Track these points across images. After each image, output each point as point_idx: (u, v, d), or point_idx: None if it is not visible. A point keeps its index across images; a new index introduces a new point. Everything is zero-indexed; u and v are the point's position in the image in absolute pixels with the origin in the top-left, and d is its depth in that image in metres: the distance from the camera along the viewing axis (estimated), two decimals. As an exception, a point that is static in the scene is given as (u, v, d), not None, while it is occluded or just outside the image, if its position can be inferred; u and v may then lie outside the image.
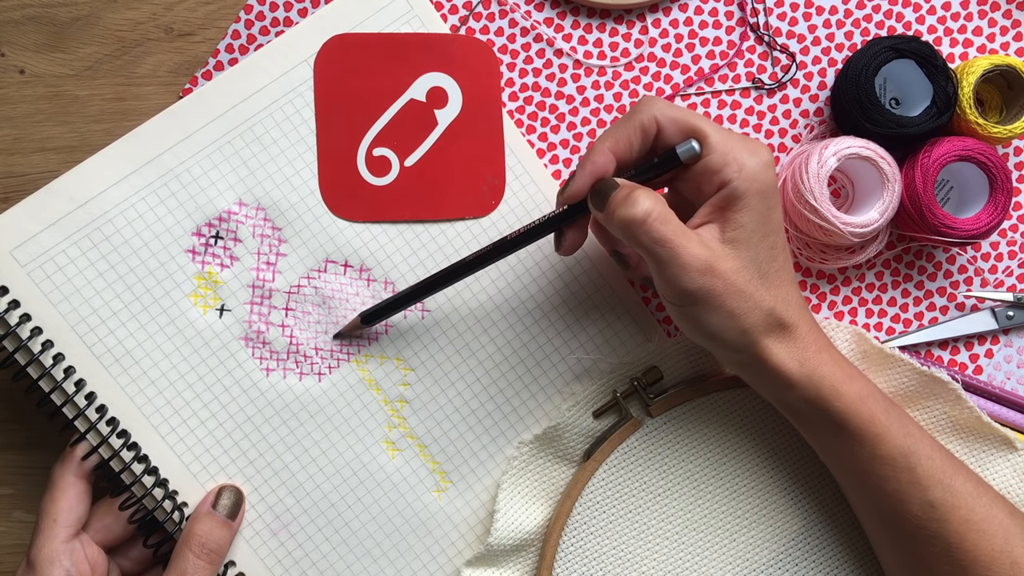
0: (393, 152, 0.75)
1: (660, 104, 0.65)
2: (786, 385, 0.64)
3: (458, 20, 0.76)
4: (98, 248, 0.72)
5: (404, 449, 0.75)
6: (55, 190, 0.72)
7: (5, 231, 0.71)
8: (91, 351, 0.72)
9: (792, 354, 0.64)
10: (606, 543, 0.73)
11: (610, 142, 0.65)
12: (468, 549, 0.76)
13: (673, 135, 0.64)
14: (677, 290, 0.62)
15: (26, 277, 0.71)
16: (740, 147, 0.63)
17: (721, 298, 0.62)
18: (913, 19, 0.77)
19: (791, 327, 0.64)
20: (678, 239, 0.61)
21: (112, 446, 0.71)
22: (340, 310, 0.75)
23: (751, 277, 0.63)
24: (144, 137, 0.73)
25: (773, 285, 0.64)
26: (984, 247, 0.77)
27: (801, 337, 0.65)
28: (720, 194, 0.63)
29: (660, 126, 0.64)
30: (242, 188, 0.74)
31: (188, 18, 0.76)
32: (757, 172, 0.62)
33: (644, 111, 0.64)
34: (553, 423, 0.74)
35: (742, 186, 0.62)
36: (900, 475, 0.65)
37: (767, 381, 0.65)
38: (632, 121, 0.64)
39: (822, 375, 0.64)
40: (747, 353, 0.64)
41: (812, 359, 0.64)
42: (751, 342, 0.63)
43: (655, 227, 0.61)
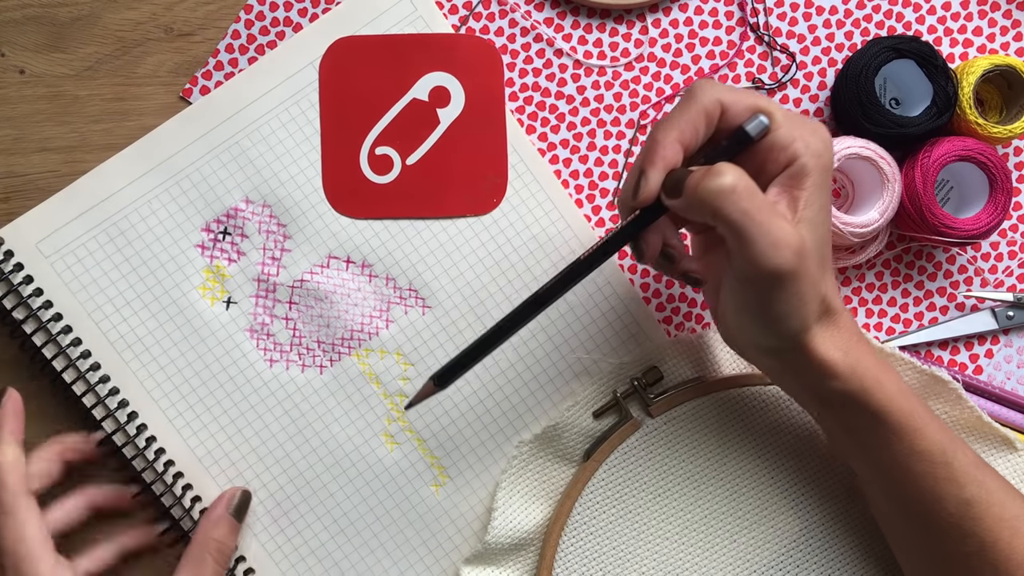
0: (395, 151, 0.76)
1: (719, 86, 0.62)
2: (829, 375, 0.62)
3: (458, 20, 0.77)
4: (114, 242, 0.76)
5: (403, 443, 0.76)
6: (77, 188, 0.75)
7: (32, 226, 0.75)
8: (106, 337, 0.75)
9: (837, 343, 0.62)
10: (606, 543, 0.73)
11: (675, 132, 0.61)
12: (465, 544, 0.76)
13: (737, 115, 0.61)
14: (761, 268, 0.57)
15: (49, 268, 0.75)
16: (801, 124, 0.61)
17: (799, 280, 0.58)
18: (913, 19, 0.77)
19: (836, 315, 0.62)
20: (767, 214, 0.57)
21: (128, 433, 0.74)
22: (341, 305, 0.76)
23: (818, 260, 0.60)
24: (159, 139, 0.76)
25: (827, 269, 0.62)
26: (984, 247, 0.78)
27: (844, 326, 0.63)
28: (788, 171, 0.60)
29: (724, 108, 0.61)
30: (249, 186, 0.76)
31: (188, 18, 0.76)
32: (821, 149, 0.60)
33: (705, 95, 0.61)
34: (553, 422, 0.74)
35: (810, 163, 0.59)
36: (937, 471, 0.63)
37: (807, 372, 0.62)
38: (694, 107, 0.61)
39: (865, 366, 0.62)
40: (795, 341, 0.61)
41: (854, 349, 0.62)
42: (804, 328, 0.61)
43: (745, 198, 0.57)
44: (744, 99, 0.61)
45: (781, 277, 0.58)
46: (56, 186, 0.75)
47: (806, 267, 0.58)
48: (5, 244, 0.75)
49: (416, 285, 0.76)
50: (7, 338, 0.75)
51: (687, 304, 0.77)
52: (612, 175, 0.77)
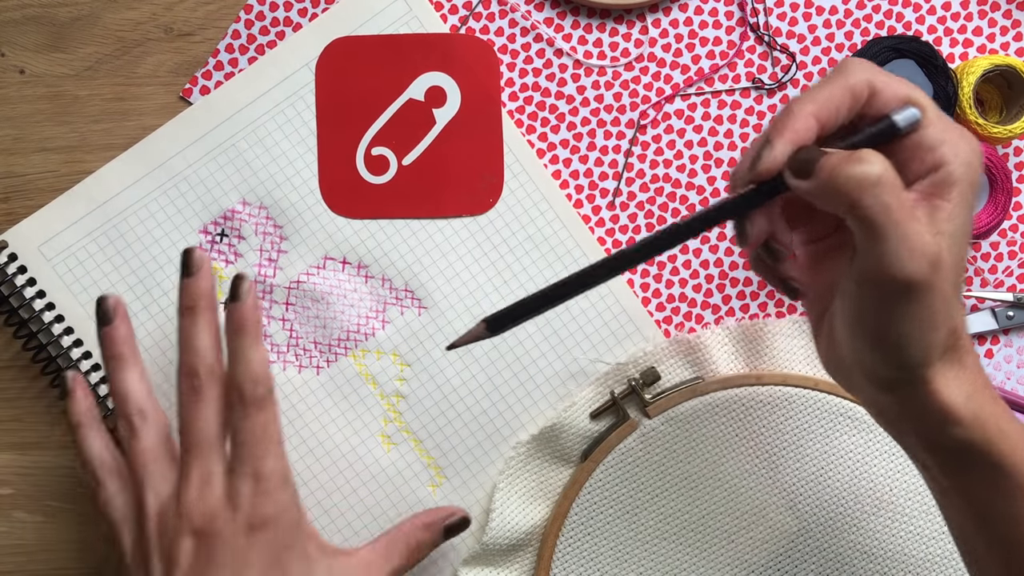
0: (391, 151, 0.76)
1: (872, 67, 0.55)
2: (950, 421, 0.54)
3: (458, 20, 0.77)
4: (114, 244, 0.76)
5: (399, 443, 0.76)
6: (78, 193, 0.76)
7: (34, 229, 0.76)
8: None
9: (961, 385, 0.54)
10: (604, 544, 0.73)
11: (813, 106, 0.54)
12: (462, 544, 0.76)
13: (886, 103, 0.54)
14: (891, 274, 0.51)
15: (51, 270, 0.76)
16: (953, 128, 0.54)
17: (931, 297, 0.51)
18: (913, 19, 0.77)
19: (964, 352, 0.55)
20: (907, 215, 0.50)
21: None
22: (338, 305, 0.76)
23: (954, 281, 0.53)
24: (157, 142, 0.76)
25: (960, 296, 0.54)
26: (984, 247, 0.77)
27: (971, 366, 0.55)
28: (933, 177, 0.53)
29: (874, 91, 0.54)
30: (246, 188, 0.76)
31: (188, 18, 0.76)
32: (972, 159, 0.53)
33: (855, 73, 0.55)
34: (550, 423, 0.74)
35: (958, 171, 0.52)
36: None
37: (923, 413, 0.55)
38: (840, 83, 0.54)
39: (988, 413, 0.54)
40: (915, 374, 0.53)
41: (979, 394, 0.54)
42: (927, 360, 0.53)
43: (890, 192, 0.50)
44: (897, 87, 0.55)
45: (913, 288, 0.51)
46: (56, 186, 0.76)
47: (941, 284, 0.51)
48: (8, 247, 0.75)
49: (412, 286, 0.76)
50: (10, 338, 0.76)
51: (686, 304, 0.77)
52: (612, 175, 0.77)
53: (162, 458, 0.66)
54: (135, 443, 0.66)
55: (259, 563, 0.62)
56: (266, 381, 0.65)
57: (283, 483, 0.64)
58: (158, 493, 0.64)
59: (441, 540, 0.72)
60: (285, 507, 0.64)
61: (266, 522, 0.63)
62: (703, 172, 0.77)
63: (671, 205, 0.77)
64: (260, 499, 0.63)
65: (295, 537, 0.64)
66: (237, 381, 0.64)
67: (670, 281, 0.77)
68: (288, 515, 0.64)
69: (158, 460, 0.66)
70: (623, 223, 0.77)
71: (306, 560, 0.65)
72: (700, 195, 0.77)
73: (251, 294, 0.66)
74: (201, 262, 0.67)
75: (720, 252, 0.77)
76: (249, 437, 0.63)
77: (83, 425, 0.69)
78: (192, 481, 0.63)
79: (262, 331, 0.69)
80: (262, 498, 0.63)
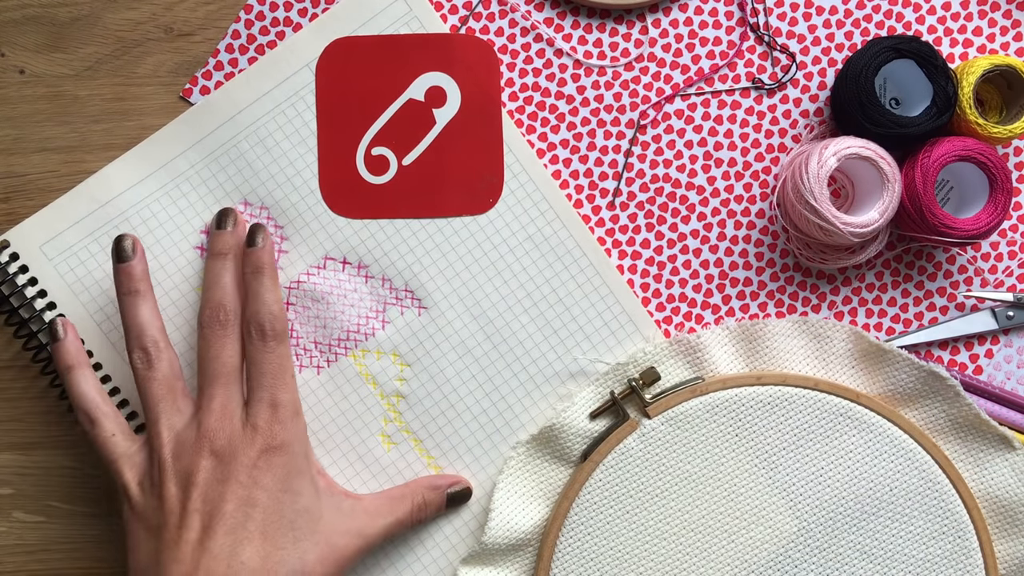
0: (391, 151, 0.76)
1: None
2: None
3: (458, 20, 0.77)
4: None
5: (400, 443, 0.76)
6: (80, 192, 0.76)
7: (37, 229, 0.76)
8: (107, 337, 0.76)
9: None
10: (604, 544, 0.73)
11: None
12: (462, 544, 0.76)
13: None
14: None
15: (53, 270, 0.76)
16: None
17: None
18: (913, 19, 0.77)
19: None
20: None
21: None
22: (338, 305, 0.76)
23: None
24: (159, 143, 0.76)
25: None
26: (984, 247, 0.77)
27: None
28: None
29: None
30: (247, 188, 0.76)
31: (188, 18, 0.76)
32: None
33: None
34: (550, 423, 0.74)
35: None
36: None
37: None
38: None
39: None
40: None
41: None
42: None
43: None
44: None
45: None
46: (56, 186, 0.76)
47: None
48: (10, 247, 0.75)
49: (412, 286, 0.76)
50: (10, 338, 0.76)
51: (687, 304, 0.77)
52: (612, 175, 0.77)
53: (174, 390, 0.70)
54: (151, 373, 0.70)
55: (272, 485, 0.67)
56: (282, 318, 0.70)
57: (295, 413, 0.69)
58: (172, 424, 0.69)
59: (444, 506, 0.75)
60: (297, 436, 0.69)
61: (280, 447, 0.68)
62: (703, 172, 0.77)
63: (671, 205, 0.77)
64: (276, 426, 0.68)
65: (306, 466, 0.70)
66: (256, 317, 0.70)
67: (670, 281, 0.77)
68: (300, 444, 0.69)
69: (171, 391, 0.70)
70: (623, 223, 0.77)
71: (315, 489, 0.70)
72: (700, 195, 0.77)
73: (268, 241, 0.72)
74: (236, 221, 0.74)
75: (720, 252, 0.77)
76: (268, 369, 0.69)
77: (75, 367, 0.72)
78: (214, 407, 0.68)
79: (277, 274, 0.73)
80: (277, 425, 0.68)
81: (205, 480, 0.66)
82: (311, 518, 0.68)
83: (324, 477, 0.72)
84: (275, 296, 0.70)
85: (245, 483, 0.66)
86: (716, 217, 0.77)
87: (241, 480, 0.66)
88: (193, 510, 0.66)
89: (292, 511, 0.68)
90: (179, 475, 0.67)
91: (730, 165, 0.77)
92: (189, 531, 0.65)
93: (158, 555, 0.65)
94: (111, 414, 0.71)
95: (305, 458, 0.70)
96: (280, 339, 0.70)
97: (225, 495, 0.66)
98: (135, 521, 0.68)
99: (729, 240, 0.77)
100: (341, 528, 0.70)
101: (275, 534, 0.67)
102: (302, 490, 0.69)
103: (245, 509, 0.66)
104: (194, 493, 0.66)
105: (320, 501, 0.70)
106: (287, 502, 0.68)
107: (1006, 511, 0.74)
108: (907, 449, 0.73)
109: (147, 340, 0.70)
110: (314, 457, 0.72)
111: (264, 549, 0.66)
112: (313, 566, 0.67)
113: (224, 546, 0.65)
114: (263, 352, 0.69)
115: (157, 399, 0.69)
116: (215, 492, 0.66)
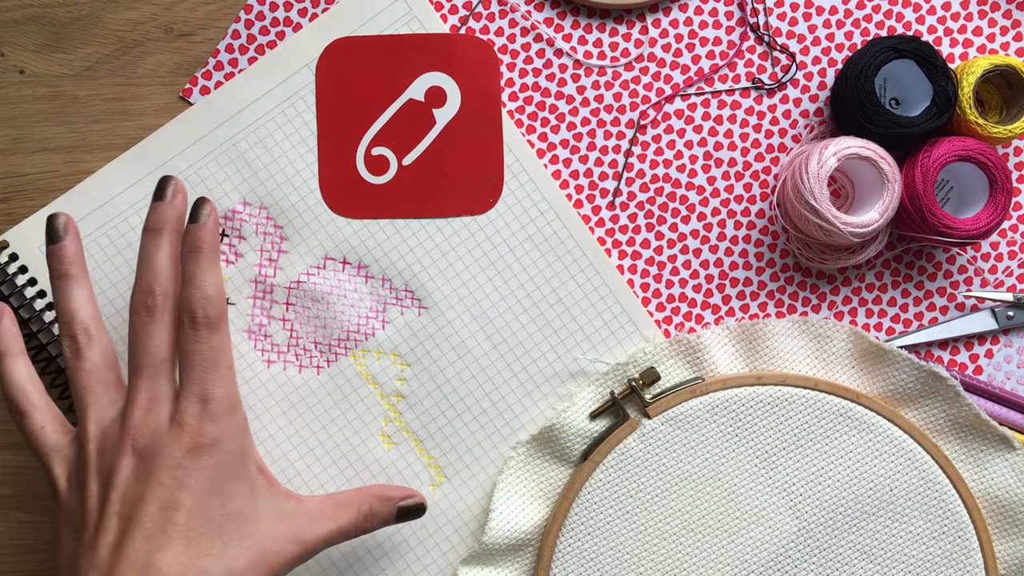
0: (391, 151, 0.76)
1: None
2: None
3: (458, 20, 0.77)
4: (115, 244, 0.76)
5: (400, 443, 0.76)
6: (79, 192, 0.76)
7: (37, 229, 0.75)
8: None
9: None
10: (604, 544, 0.73)
11: None
12: (462, 544, 0.76)
13: None
14: None
15: None
16: None
17: None
18: (913, 19, 0.77)
19: None
20: None
21: None
22: (338, 305, 0.76)
23: None
24: (158, 142, 0.76)
25: None
26: (984, 247, 0.77)
27: None
28: None
29: None
30: (246, 188, 0.76)
31: (188, 18, 0.76)
32: None
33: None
34: (549, 423, 0.74)
35: None
36: None
37: None
38: None
39: None
40: None
41: None
42: None
43: None
44: None
45: None
46: (56, 186, 0.76)
47: None
48: (10, 247, 0.75)
49: (412, 286, 0.76)
50: (10, 337, 0.76)
51: (687, 304, 0.77)
52: (612, 175, 0.77)
53: (106, 380, 0.66)
54: (79, 363, 0.66)
55: (198, 487, 0.62)
56: (219, 304, 0.65)
57: (230, 409, 0.64)
58: (101, 418, 0.64)
59: (393, 519, 0.71)
60: (231, 434, 0.64)
61: (210, 445, 0.63)
62: (703, 172, 0.77)
63: (671, 205, 0.77)
64: (206, 423, 0.63)
65: (240, 466, 0.65)
66: (189, 303, 0.64)
67: (670, 281, 0.77)
68: (234, 443, 0.64)
69: (102, 382, 0.65)
70: (623, 223, 0.77)
71: (251, 492, 0.65)
72: (700, 195, 0.77)
73: (211, 217, 0.66)
74: (176, 191, 0.68)
75: (720, 252, 0.77)
76: (199, 360, 0.63)
77: (7, 355, 0.68)
78: (139, 402, 0.63)
79: (219, 255, 0.68)
80: (208, 422, 0.63)
81: (125, 480, 0.62)
82: (243, 522, 0.64)
83: (265, 475, 0.67)
84: (212, 279, 0.65)
85: (167, 484, 0.61)
86: (716, 217, 0.77)
87: (163, 481, 0.61)
88: (112, 512, 0.61)
89: (221, 515, 0.63)
90: (101, 474, 0.63)
91: (730, 165, 0.77)
92: (106, 534, 0.61)
93: (77, 558, 0.62)
94: (41, 404, 0.66)
95: (240, 457, 0.65)
96: (214, 327, 0.64)
97: (145, 497, 0.61)
98: (61, 518, 0.64)
99: (729, 240, 0.77)
100: (277, 533, 0.65)
101: (200, 539, 0.62)
102: (234, 492, 0.64)
103: (166, 512, 0.61)
104: (113, 495, 0.61)
105: (256, 504, 0.65)
106: (215, 505, 0.63)
107: (1006, 511, 0.74)
108: (907, 449, 0.73)
109: (77, 327, 0.66)
110: (255, 455, 0.67)
111: (186, 555, 0.61)
112: (242, 573, 0.63)
113: (140, 552, 0.60)
114: (194, 342, 0.64)
115: (85, 390, 0.65)
116: (134, 493, 0.61)
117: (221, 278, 0.66)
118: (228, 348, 0.65)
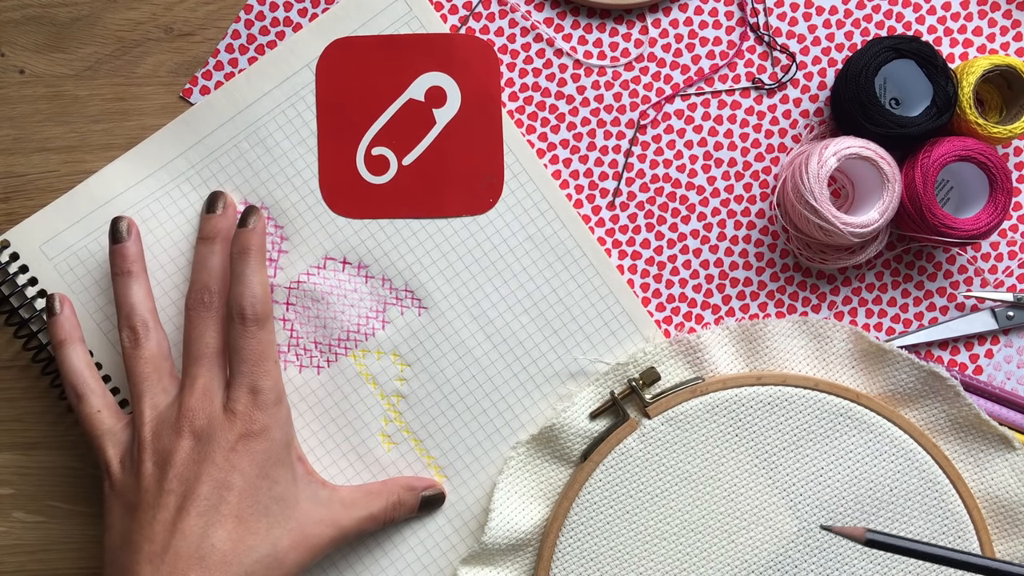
0: (391, 151, 0.76)
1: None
2: None
3: (458, 20, 0.77)
4: None
5: (400, 443, 0.76)
6: (80, 192, 0.76)
7: (37, 228, 0.76)
8: (107, 337, 0.76)
9: None
10: (604, 544, 0.73)
11: None
12: (462, 544, 0.76)
13: None
14: None
15: (53, 269, 0.76)
16: None
17: None
18: (913, 19, 0.77)
19: None
20: None
21: None
22: (338, 305, 0.76)
23: None
24: (159, 143, 0.76)
25: None
26: (984, 247, 0.77)
27: None
28: None
29: None
30: (247, 188, 0.76)
31: (188, 18, 0.76)
32: None
33: None
34: (549, 423, 0.74)
35: None
36: None
37: None
38: None
39: None
40: None
41: None
42: None
43: None
44: None
45: None
46: (56, 186, 0.76)
47: None
48: (11, 247, 0.75)
49: (412, 286, 0.76)
50: (10, 338, 0.76)
51: (687, 304, 0.77)
52: (612, 175, 0.77)
53: (161, 369, 0.71)
54: (137, 351, 0.71)
55: (248, 470, 0.67)
56: (265, 302, 0.70)
57: (277, 400, 0.69)
58: (155, 403, 0.69)
59: (418, 508, 0.75)
60: (278, 423, 0.69)
61: (259, 433, 0.68)
62: (703, 172, 0.77)
63: (671, 205, 0.77)
64: (255, 411, 0.68)
65: (285, 454, 0.70)
66: (239, 300, 0.69)
67: (670, 281, 0.77)
68: (280, 431, 0.69)
69: (158, 371, 0.70)
70: (623, 223, 0.77)
71: (293, 478, 0.70)
72: (700, 195, 0.77)
73: (259, 223, 0.72)
74: (226, 205, 0.74)
75: (720, 252, 0.77)
76: (248, 354, 0.69)
77: (67, 342, 0.72)
78: (196, 388, 0.69)
79: (265, 258, 0.73)
80: (257, 411, 0.68)
81: (182, 460, 0.67)
82: (287, 505, 0.68)
83: (304, 464, 0.72)
84: (259, 279, 0.70)
85: (222, 466, 0.66)
86: (716, 217, 0.77)
87: (218, 463, 0.66)
88: (169, 490, 0.66)
89: (268, 497, 0.68)
90: (158, 454, 0.67)
91: (730, 165, 0.77)
92: (163, 511, 0.65)
93: (131, 534, 0.66)
94: (98, 390, 0.71)
95: (285, 445, 0.70)
96: (261, 323, 0.69)
97: (201, 476, 0.66)
98: (113, 498, 0.68)
99: (729, 240, 0.77)
100: (316, 517, 0.70)
101: (249, 519, 0.66)
102: (279, 477, 0.69)
103: (220, 492, 0.66)
104: (170, 473, 0.66)
105: (297, 489, 0.70)
106: (263, 488, 0.68)
107: (1006, 511, 0.74)
108: (907, 449, 0.73)
109: (136, 319, 0.71)
110: (296, 444, 0.72)
111: (236, 533, 0.66)
112: (286, 552, 0.67)
113: (196, 527, 0.65)
114: (244, 337, 0.69)
115: (142, 377, 0.70)
116: (191, 473, 0.66)
117: (267, 279, 0.71)
118: (274, 343, 0.70)
